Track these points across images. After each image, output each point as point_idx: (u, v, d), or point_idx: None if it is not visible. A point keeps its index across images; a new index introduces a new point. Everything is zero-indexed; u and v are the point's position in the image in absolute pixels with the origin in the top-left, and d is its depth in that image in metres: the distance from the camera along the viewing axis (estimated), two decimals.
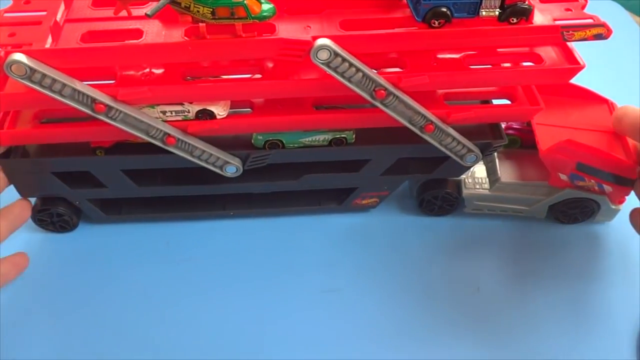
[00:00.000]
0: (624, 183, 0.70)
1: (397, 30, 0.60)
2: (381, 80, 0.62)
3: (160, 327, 0.67)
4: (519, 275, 0.73)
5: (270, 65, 0.65)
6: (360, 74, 0.61)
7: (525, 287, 0.71)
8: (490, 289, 0.71)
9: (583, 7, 0.64)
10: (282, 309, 0.69)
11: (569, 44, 0.66)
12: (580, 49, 0.66)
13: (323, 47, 0.58)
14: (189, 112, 0.65)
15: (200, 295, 0.70)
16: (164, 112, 0.64)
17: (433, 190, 0.75)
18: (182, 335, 0.67)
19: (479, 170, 0.77)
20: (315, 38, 0.59)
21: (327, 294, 0.70)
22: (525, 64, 0.67)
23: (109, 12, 0.62)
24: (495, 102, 0.73)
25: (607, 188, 0.71)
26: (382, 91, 0.63)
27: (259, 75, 0.65)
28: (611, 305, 0.70)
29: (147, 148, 0.67)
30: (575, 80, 0.66)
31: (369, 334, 0.67)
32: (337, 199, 0.78)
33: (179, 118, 0.65)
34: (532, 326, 0.68)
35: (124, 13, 0.61)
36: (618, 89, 0.92)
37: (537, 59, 0.66)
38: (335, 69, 0.60)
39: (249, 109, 0.69)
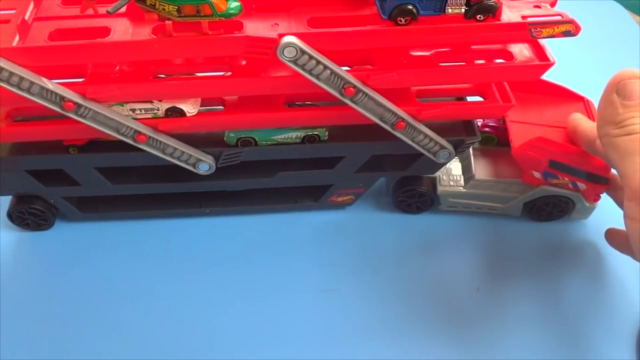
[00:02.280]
0: (598, 181, 0.70)
1: (361, 28, 0.60)
2: (350, 77, 0.62)
3: (152, 326, 0.67)
4: (504, 274, 0.73)
5: (242, 62, 0.65)
6: (329, 72, 0.61)
7: (513, 286, 0.71)
8: (471, 287, 0.71)
9: (553, 4, 0.63)
10: (268, 307, 0.69)
11: (540, 41, 0.65)
12: (580, 49, 0.65)
13: (289, 45, 0.58)
14: (158, 109, 0.65)
15: (186, 293, 0.71)
16: (133, 110, 0.65)
17: (407, 187, 0.75)
18: (176, 335, 0.67)
19: (455, 168, 0.77)
20: (281, 36, 0.59)
21: (316, 293, 0.71)
22: (498, 61, 0.67)
23: (78, 11, 0.62)
24: (470, 99, 0.73)
25: (582, 186, 0.71)
26: (351, 89, 0.63)
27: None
28: (606, 303, 0.70)
29: (121, 146, 0.67)
30: (575, 81, 0.65)
31: (348, 332, 0.67)
32: (314, 197, 0.78)
33: (149, 116, 0.66)
34: (528, 325, 0.67)
35: (91, 11, 0.61)
36: None
37: (509, 56, 0.66)
38: (302, 67, 0.60)
39: (221, 107, 0.69)
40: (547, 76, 0.65)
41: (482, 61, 0.68)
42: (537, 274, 0.72)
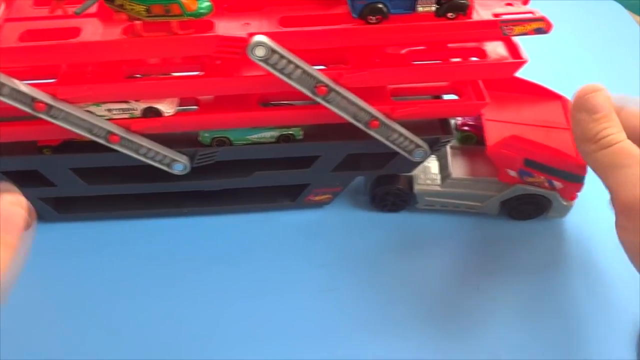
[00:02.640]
0: (574, 179, 0.70)
1: (331, 27, 0.60)
2: (321, 76, 0.62)
3: (145, 327, 0.67)
4: (489, 272, 0.72)
5: (217, 62, 0.65)
6: (300, 71, 0.61)
7: (506, 285, 0.71)
8: (462, 284, 0.71)
9: (525, 1, 0.63)
10: (263, 306, 0.69)
11: (514, 38, 0.65)
12: (579, 48, 0.64)
13: (259, 44, 0.58)
14: (135, 110, 0.65)
15: (180, 293, 0.70)
16: (109, 110, 0.65)
17: (384, 186, 0.75)
18: (175, 335, 0.66)
19: (433, 167, 0.76)
20: (251, 35, 0.59)
21: (313, 292, 0.70)
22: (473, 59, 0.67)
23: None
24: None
25: (558, 184, 0.71)
26: (323, 87, 0.63)
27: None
28: (596, 299, 0.69)
29: (96, 146, 0.67)
30: (574, 80, 0.64)
31: (349, 329, 0.67)
32: (291, 196, 0.78)
33: (126, 116, 0.65)
34: (526, 325, 0.67)
35: (60, 12, 0.61)
36: (618, 88, 0.91)
37: (482, 55, 0.66)
38: (273, 66, 0.60)
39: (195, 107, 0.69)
40: (547, 76, 0.65)
41: (457, 59, 0.68)
42: (525, 271, 0.72)
